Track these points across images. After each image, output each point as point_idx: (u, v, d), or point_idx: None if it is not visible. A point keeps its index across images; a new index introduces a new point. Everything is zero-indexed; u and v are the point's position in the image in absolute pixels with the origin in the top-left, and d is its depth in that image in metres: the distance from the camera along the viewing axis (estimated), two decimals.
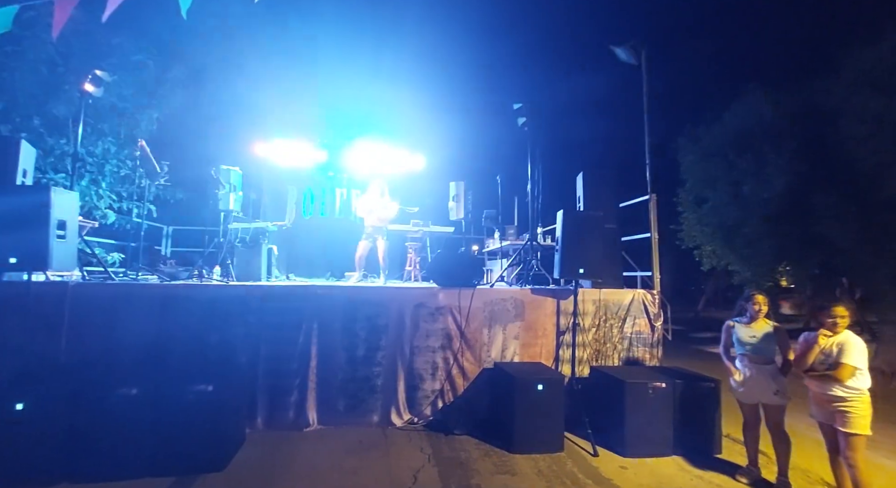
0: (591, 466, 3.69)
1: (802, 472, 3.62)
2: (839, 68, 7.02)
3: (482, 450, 3.90)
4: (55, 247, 3.44)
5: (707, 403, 4.02)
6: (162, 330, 4.05)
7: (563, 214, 4.65)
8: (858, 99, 6.30)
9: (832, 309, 2.99)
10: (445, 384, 4.56)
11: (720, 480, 3.50)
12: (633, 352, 4.93)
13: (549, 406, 3.93)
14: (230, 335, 4.18)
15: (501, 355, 4.70)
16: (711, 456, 3.92)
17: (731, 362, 3.57)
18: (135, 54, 6.82)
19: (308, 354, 4.30)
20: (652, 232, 5.31)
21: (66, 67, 6.14)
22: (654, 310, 4.99)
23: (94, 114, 6.53)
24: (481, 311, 4.69)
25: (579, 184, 5.67)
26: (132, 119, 6.93)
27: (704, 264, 8.99)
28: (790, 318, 12.53)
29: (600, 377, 4.37)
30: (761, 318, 3.46)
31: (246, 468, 3.41)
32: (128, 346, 3.92)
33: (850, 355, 2.85)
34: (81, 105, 4.69)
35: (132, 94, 6.89)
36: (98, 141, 6.65)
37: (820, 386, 2.97)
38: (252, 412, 4.11)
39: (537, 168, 5.93)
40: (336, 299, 4.46)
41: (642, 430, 3.90)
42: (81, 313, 3.91)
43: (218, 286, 4.56)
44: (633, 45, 5.97)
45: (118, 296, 4.06)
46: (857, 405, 2.82)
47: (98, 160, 6.69)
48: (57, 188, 3.62)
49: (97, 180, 6.66)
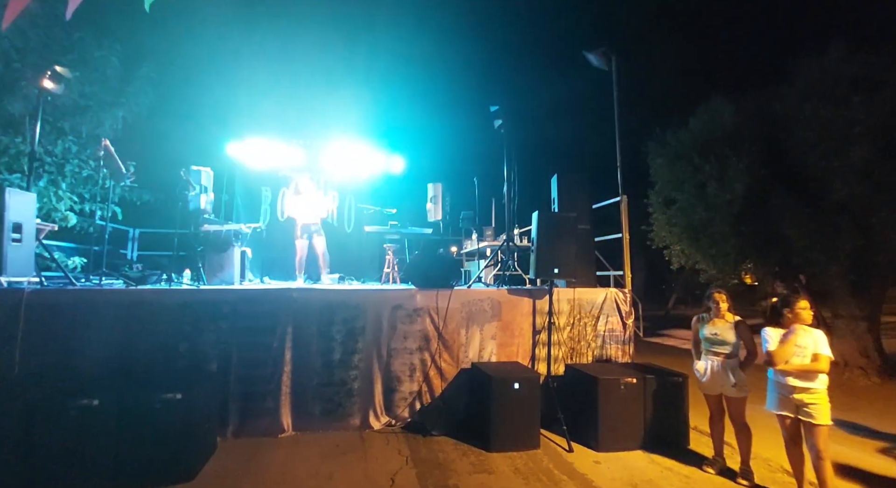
0: (566, 462, 3.76)
1: (764, 461, 3.80)
2: (793, 77, 7.44)
3: (460, 450, 3.92)
4: (9, 251, 3.28)
5: (675, 398, 4.17)
6: (127, 337, 3.90)
7: (538, 215, 4.74)
8: (808, 107, 6.68)
9: (800, 301, 3.12)
10: (423, 385, 4.56)
11: (688, 471, 3.63)
12: (606, 350, 5.06)
13: (525, 404, 3.99)
14: (201, 341, 4.06)
15: (479, 355, 4.74)
16: (680, 448, 4.07)
17: (699, 356, 3.72)
18: (97, 50, 6.54)
19: (282, 359, 4.23)
20: (623, 232, 5.48)
21: (23, 63, 5.82)
22: (626, 309, 5.14)
23: (54, 111, 6.22)
24: (459, 312, 4.72)
25: (554, 185, 5.80)
26: (95, 117, 6.63)
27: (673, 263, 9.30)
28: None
29: (575, 374, 4.47)
30: (724, 314, 3.62)
31: (216, 477, 3.31)
32: (90, 355, 3.76)
33: (823, 346, 2.98)
34: (39, 102, 4.47)
35: (95, 91, 6.60)
36: (58, 140, 6.33)
37: (798, 379, 3.02)
38: (224, 419, 4.01)
39: (513, 170, 6.02)
40: (312, 302, 4.40)
41: (615, 425, 4.02)
42: (39, 321, 3.72)
43: (188, 290, 4.42)
44: (604, 51, 6.15)
45: (79, 303, 3.88)
46: (819, 397, 2.96)
47: (58, 160, 6.37)
48: (11, 189, 3.45)
49: (56, 181, 6.33)
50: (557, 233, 4.67)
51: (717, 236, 7.88)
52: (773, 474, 3.60)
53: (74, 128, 6.48)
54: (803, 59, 7.36)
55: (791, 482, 3.27)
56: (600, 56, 6.13)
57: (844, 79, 6.63)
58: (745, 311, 5.00)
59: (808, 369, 2.99)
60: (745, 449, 3.48)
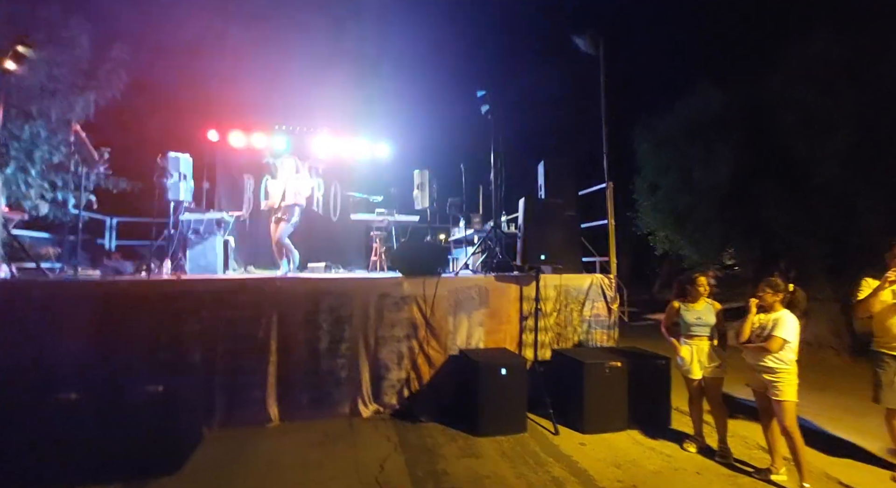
0: (552, 444, 3.83)
1: (741, 439, 3.93)
2: (776, 63, 7.49)
3: (448, 435, 3.96)
4: None
5: (658, 380, 4.26)
6: (105, 328, 3.79)
7: (525, 202, 4.72)
8: (792, 92, 6.75)
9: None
10: (411, 373, 4.57)
11: (670, 450, 3.74)
12: (591, 335, 5.13)
13: (512, 389, 4.04)
14: (183, 332, 3.98)
15: (467, 342, 4.76)
16: (663, 428, 4.18)
17: (676, 339, 3.78)
18: (64, 30, 6.20)
19: (268, 349, 4.17)
20: (609, 218, 5.50)
21: None
22: (611, 294, 5.20)
23: (20, 94, 5.90)
24: (446, 300, 4.71)
25: (540, 172, 5.78)
26: (65, 101, 6.32)
27: (658, 249, 9.44)
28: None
29: (561, 359, 4.53)
30: (703, 299, 3.69)
31: (202, 468, 3.29)
32: (67, 348, 3.64)
33: (782, 329, 3.11)
34: (1, 84, 4.23)
35: (64, 73, 6.28)
36: (25, 124, 6.04)
37: (753, 357, 3.24)
38: (210, 410, 3.96)
39: (500, 156, 5.97)
40: (297, 291, 4.34)
41: (600, 408, 4.10)
42: (11, 313, 3.59)
43: (168, 280, 4.32)
44: (591, 35, 6.07)
45: (54, 294, 3.75)
46: (784, 376, 3.09)
47: (26, 145, 6.08)
48: None
49: (26, 167, 6.05)
50: (544, 220, 4.67)
51: (701, 221, 8.00)
52: (750, 451, 3.72)
53: (43, 112, 6.17)
54: (789, 43, 7.39)
55: (767, 458, 3.38)
56: (588, 40, 6.06)
57: (829, 63, 6.68)
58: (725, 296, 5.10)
59: (760, 348, 3.17)
60: (721, 428, 3.59)
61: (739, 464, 3.45)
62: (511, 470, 3.33)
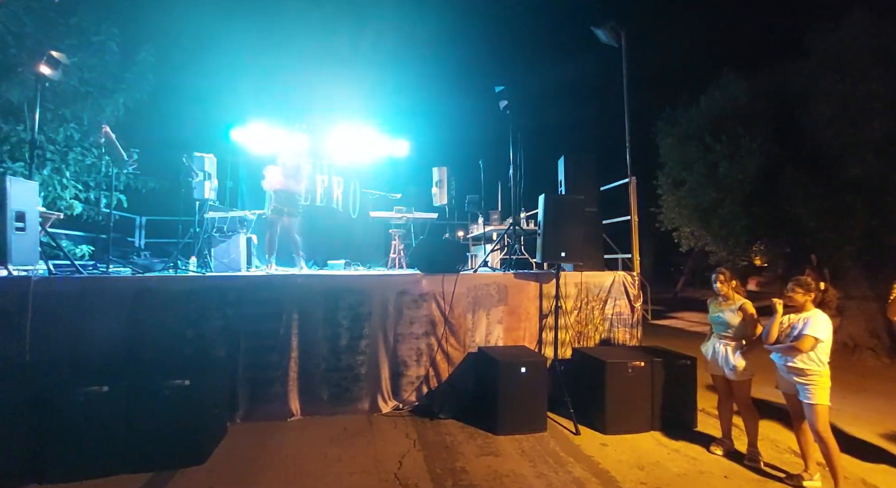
0: (573, 444, 3.78)
1: (772, 442, 3.79)
2: (807, 51, 7.15)
3: (467, 433, 3.95)
4: (14, 240, 3.28)
5: (683, 380, 4.15)
6: (135, 324, 3.92)
7: (545, 198, 4.65)
8: (824, 81, 6.44)
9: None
10: (430, 370, 4.58)
11: (695, 452, 3.63)
12: (613, 333, 5.03)
13: (532, 388, 4.00)
14: (208, 328, 4.08)
15: (486, 340, 4.74)
16: (688, 430, 4.07)
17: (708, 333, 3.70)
18: (95, 35, 6.43)
19: (289, 345, 4.25)
20: (632, 214, 5.38)
21: (19, 48, 5.74)
22: (633, 292, 5.08)
23: (55, 98, 6.15)
24: (465, 297, 4.70)
25: (561, 168, 5.68)
26: (96, 104, 6.55)
27: (683, 245, 9.20)
28: (758, 295, 13.01)
29: (582, 358, 4.45)
30: (731, 296, 3.57)
31: (227, 459, 3.37)
32: (98, 342, 3.79)
33: (814, 328, 2.97)
34: (37, 88, 4.41)
35: (95, 77, 6.51)
36: (59, 127, 6.29)
37: (782, 359, 3.10)
38: (233, 405, 4.05)
39: (519, 152, 5.90)
40: (317, 288, 4.40)
41: (622, 408, 4.01)
42: (47, 309, 3.74)
43: (194, 277, 4.43)
44: (613, 26, 5.92)
45: (87, 290, 3.90)
46: (816, 378, 2.95)
47: (60, 148, 6.33)
48: (13, 177, 3.43)
49: (60, 169, 6.30)
50: (564, 216, 4.59)
51: (727, 217, 7.75)
52: (781, 455, 3.59)
53: (76, 116, 6.42)
54: (820, 30, 7.05)
55: (799, 463, 3.26)
56: (609, 32, 5.91)
57: (864, 50, 6.35)
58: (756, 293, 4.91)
59: (790, 348, 3.03)
60: (751, 431, 3.46)
61: (770, 469, 3.33)
62: (531, 470, 3.30)
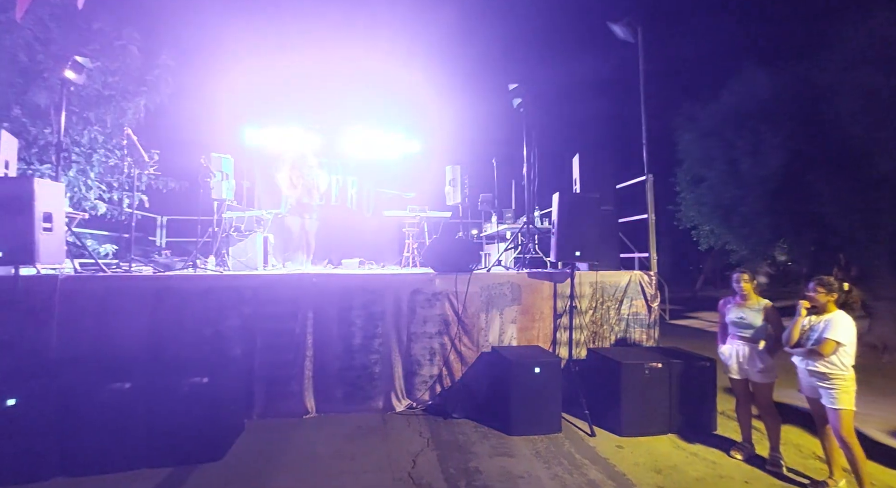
0: (587, 446, 3.73)
1: (795, 447, 3.68)
2: (833, 43, 6.89)
3: (480, 433, 3.94)
4: (42, 239, 3.38)
5: (702, 382, 4.05)
6: (156, 322, 4.03)
7: (559, 197, 4.59)
8: (852, 74, 6.19)
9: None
10: (443, 369, 4.58)
11: (714, 456, 3.55)
12: (629, 333, 4.95)
13: (546, 388, 3.96)
14: (225, 326, 4.16)
15: (499, 339, 4.71)
16: (706, 433, 3.97)
17: (724, 337, 3.60)
18: (117, 40, 6.61)
19: (304, 344, 4.30)
20: (649, 213, 5.28)
21: (46, 54, 5.94)
22: (650, 291, 4.99)
23: (80, 102, 6.35)
24: (478, 296, 4.68)
25: (575, 165, 5.60)
26: (118, 107, 6.75)
27: (702, 244, 8.99)
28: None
29: (597, 359, 4.39)
30: (752, 297, 3.47)
31: (244, 456, 3.43)
32: (121, 339, 3.90)
33: (835, 331, 2.86)
34: (63, 93, 4.55)
35: (117, 81, 6.70)
36: (84, 130, 6.49)
37: (804, 362, 3.01)
38: (250, 402, 4.13)
39: (533, 150, 5.84)
40: (331, 287, 4.44)
41: (638, 410, 3.94)
42: (72, 306, 3.87)
43: (212, 276, 4.52)
44: (629, 21, 5.81)
45: (110, 289, 4.02)
46: (839, 382, 2.85)
47: (85, 150, 6.54)
48: (41, 179, 3.54)
49: (85, 170, 6.52)
50: (579, 215, 4.52)
51: (749, 215, 7.54)
52: (805, 460, 3.48)
53: (100, 118, 6.61)
54: (848, 22, 6.79)
55: (824, 468, 3.15)
56: (625, 27, 5.80)
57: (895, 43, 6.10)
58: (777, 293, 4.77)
59: (811, 351, 2.94)
60: (773, 435, 3.37)
61: (793, 475, 3.23)
62: (545, 471, 3.27)
